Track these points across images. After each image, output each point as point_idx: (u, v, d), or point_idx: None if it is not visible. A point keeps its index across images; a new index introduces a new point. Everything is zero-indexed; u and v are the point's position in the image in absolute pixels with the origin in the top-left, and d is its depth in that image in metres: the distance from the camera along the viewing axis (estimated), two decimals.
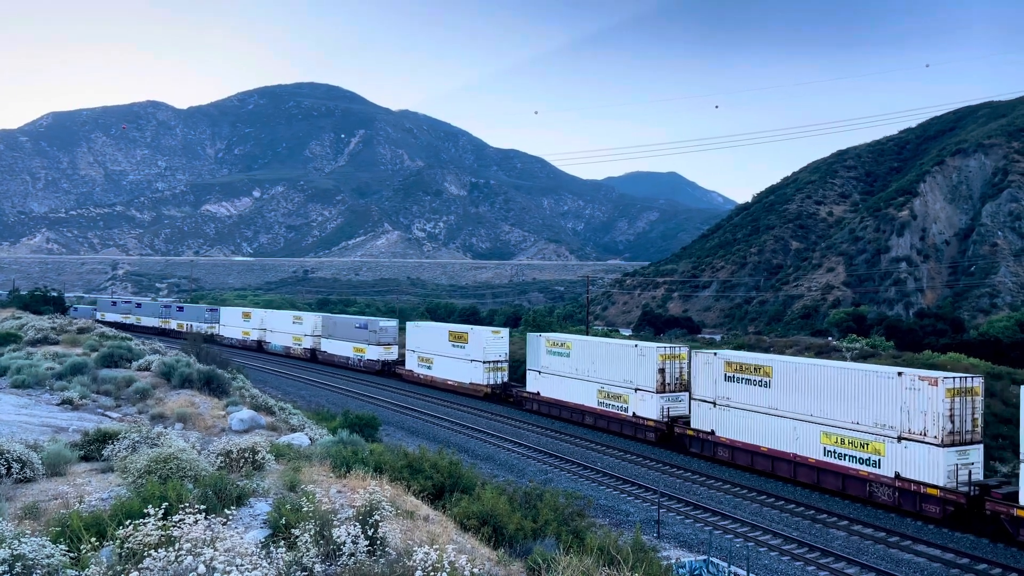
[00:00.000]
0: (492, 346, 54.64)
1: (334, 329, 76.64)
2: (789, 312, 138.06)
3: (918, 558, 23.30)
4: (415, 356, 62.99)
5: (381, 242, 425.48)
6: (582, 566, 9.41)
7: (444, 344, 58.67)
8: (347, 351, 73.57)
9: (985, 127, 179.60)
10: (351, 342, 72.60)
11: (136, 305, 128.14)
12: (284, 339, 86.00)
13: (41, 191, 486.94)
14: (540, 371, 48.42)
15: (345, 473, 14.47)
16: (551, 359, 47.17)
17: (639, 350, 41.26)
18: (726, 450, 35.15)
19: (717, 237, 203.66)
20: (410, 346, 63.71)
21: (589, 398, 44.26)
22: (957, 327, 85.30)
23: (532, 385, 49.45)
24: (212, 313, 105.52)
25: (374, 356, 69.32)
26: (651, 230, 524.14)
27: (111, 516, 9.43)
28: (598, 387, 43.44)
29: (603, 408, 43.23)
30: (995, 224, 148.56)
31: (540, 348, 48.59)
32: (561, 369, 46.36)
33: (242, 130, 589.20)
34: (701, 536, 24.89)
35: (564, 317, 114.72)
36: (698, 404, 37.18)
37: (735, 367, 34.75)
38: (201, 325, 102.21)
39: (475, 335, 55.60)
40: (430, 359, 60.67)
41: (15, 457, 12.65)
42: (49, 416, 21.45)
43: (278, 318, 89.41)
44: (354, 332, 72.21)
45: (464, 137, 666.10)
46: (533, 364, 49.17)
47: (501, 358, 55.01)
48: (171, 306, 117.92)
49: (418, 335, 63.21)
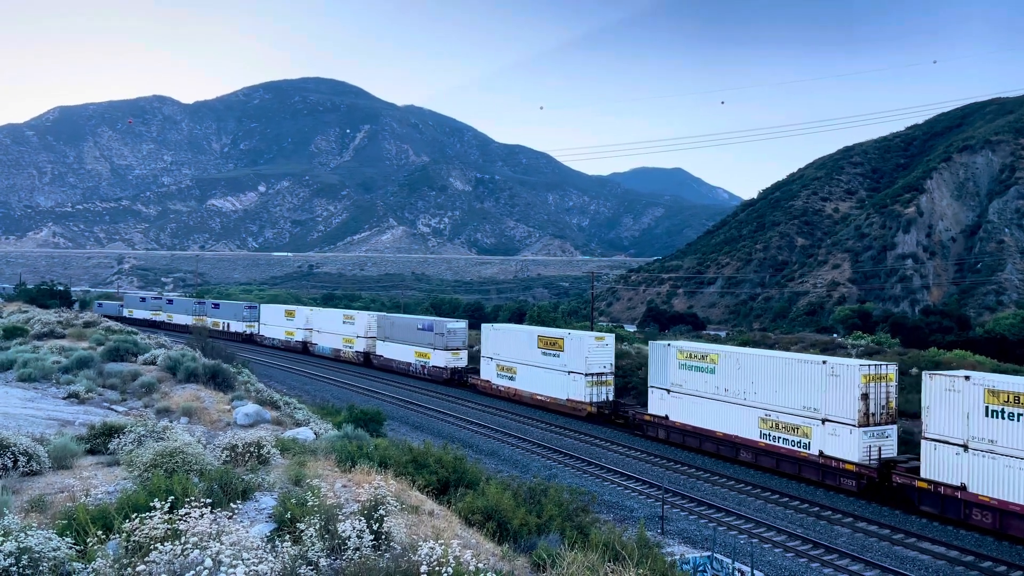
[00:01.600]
0: (596, 355, 45.93)
1: (392, 330, 68.12)
2: (794, 309, 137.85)
3: (923, 555, 23.28)
4: (493, 364, 54.19)
5: (386, 237, 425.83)
6: (587, 561, 9.42)
7: (531, 351, 50.04)
8: (407, 356, 65.10)
9: (992, 124, 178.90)
10: (412, 345, 64.32)
11: (167, 301, 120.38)
12: (333, 341, 77.56)
13: (47, 185, 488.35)
14: (669, 389, 39.18)
15: (350, 468, 14.50)
16: (685, 375, 38.47)
17: (829, 368, 31.46)
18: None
19: (722, 233, 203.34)
20: (487, 352, 54.93)
21: (746, 427, 34.87)
22: (963, 324, 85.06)
23: (656, 406, 40.39)
24: (251, 311, 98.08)
25: (441, 362, 61.01)
26: (656, 226, 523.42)
27: (117, 509, 9.46)
28: (760, 414, 34.10)
29: (769, 442, 33.57)
30: (1002, 221, 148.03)
31: (668, 360, 39.65)
32: (701, 388, 37.48)
33: (248, 125, 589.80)
34: (705, 532, 24.89)
35: (569, 313, 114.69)
36: None
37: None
38: (239, 324, 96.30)
39: (573, 341, 46.96)
40: (512, 368, 51.86)
41: (21, 450, 12.70)
42: (55, 410, 21.53)
43: (326, 317, 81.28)
44: (416, 334, 63.89)
45: (469, 132, 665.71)
46: (658, 380, 40.29)
47: (606, 369, 46.14)
48: (205, 303, 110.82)
49: (497, 339, 54.30)
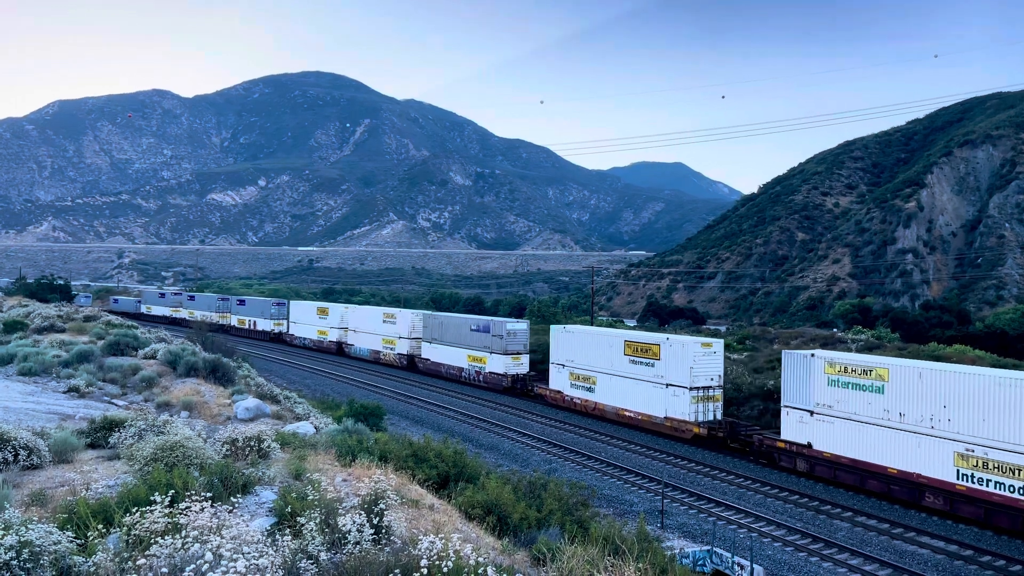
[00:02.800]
0: (702, 365, 38.14)
1: (440, 331, 61.02)
2: (794, 303, 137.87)
3: (922, 550, 23.30)
4: (565, 373, 46.46)
5: (386, 232, 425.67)
6: (587, 555, 9.43)
7: (616, 358, 42.29)
8: (459, 360, 58.13)
9: (993, 118, 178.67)
10: (465, 348, 57.36)
11: (189, 298, 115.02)
12: (372, 341, 70.86)
13: (47, 179, 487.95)
14: (812, 411, 31.53)
15: (350, 462, 14.52)
16: (838, 394, 31.14)
17: None
18: None
19: (723, 228, 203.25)
20: (557, 358, 47.27)
21: (934, 464, 27.63)
22: (963, 319, 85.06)
23: (793, 431, 32.37)
24: (279, 308, 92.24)
25: (499, 368, 53.22)
26: (656, 221, 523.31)
27: (118, 503, 9.48)
28: (957, 448, 26.67)
29: (973, 486, 25.89)
30: (1002, 216, 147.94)
31: (812, 374, 31.62)
32: (861, 411, 30.19)
33: (248, 119, 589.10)
34: (705, 526, 24.92)
35: (569, 307, 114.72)
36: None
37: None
38: (266, 322, 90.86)
39: (673, 348, 39.05)
40: (590, 378, 44.22)
41: (22, 444, 12.71)
42: (55, 404, 21.55)
43: (364, 316, 74.60)
44: (469, 336, 57.04)
45: (469, 127, 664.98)
46: (796, 398, 32.51)
47: (714, 382, 38.30)
48: (229, 299, 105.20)
49: (570, 344, 46.41)
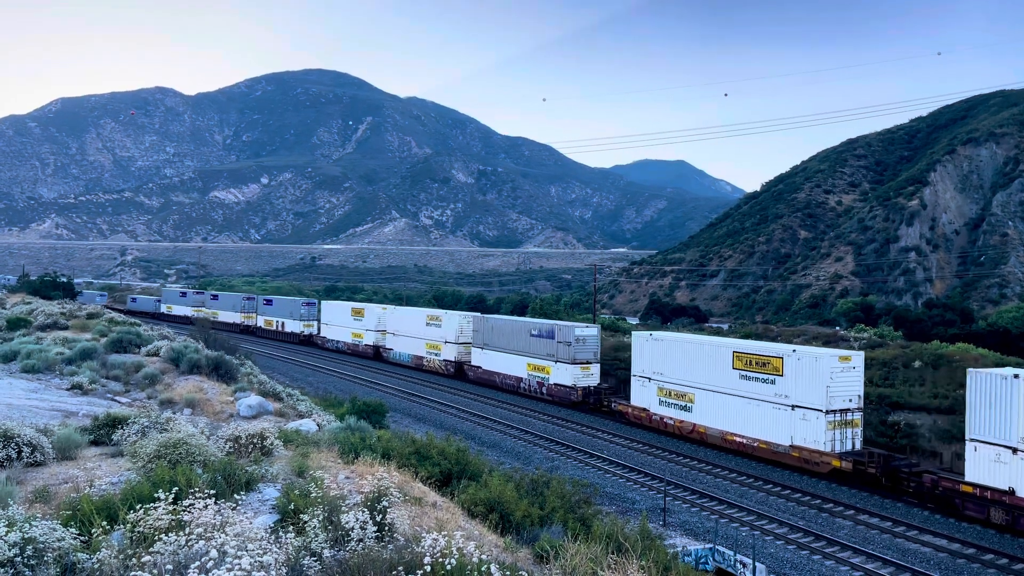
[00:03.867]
0: (840, 383, 31.12)
1: (493, 336, 54.82)
2: (797, 301, 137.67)
3: (924, 548, 23.30)
4: (652, 387, 39.85)
5: (388, 229, 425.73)
6: (589, 553, 9.44)
7: (721, 372, 35.68)
8: (516, 369, 51.83)
9: (997, 116, 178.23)
10: (523, 356, 51.14)
11: (212, 297, 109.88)
12: (414, 346, 64.73)
13: (50, 177, 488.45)
14: (1016, 448, 24.62)
15: (353, 459, 14.53)
16: None
17: None
18: None
19: (725, 226, 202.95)
20: (641, 370, 40.76)
21: None
22: (966, 317, 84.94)
23: (987, 472, 25.41)
24: (309, 308, 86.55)
25: (566, 379, 46.86)
26: (659, 218, 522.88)
27: (122, 500, 9.49)
28: None
29: None
30: (1006, 214, 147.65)
31: (1014, 400, 24.82)
32: None
33: (250, 116, 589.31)
34: (707, 524, 24.93)
35: (571, 305, 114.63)
36: None
37: None
38: (295, 323, 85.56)
39: (802, 362, 31.94)
40: (686, 395, 37.69)
41: (25, 441, 12.73)
42: (59, 401, 21.58)
43: (404, 317, 67.82)
44: (528, 342, 50.82)
45: (472, 124, 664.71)
46: (990, 431, 25.40)
47: (853, 404, 31.42)
48: (255, 299, 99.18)
49: (658, 353, 39.84)
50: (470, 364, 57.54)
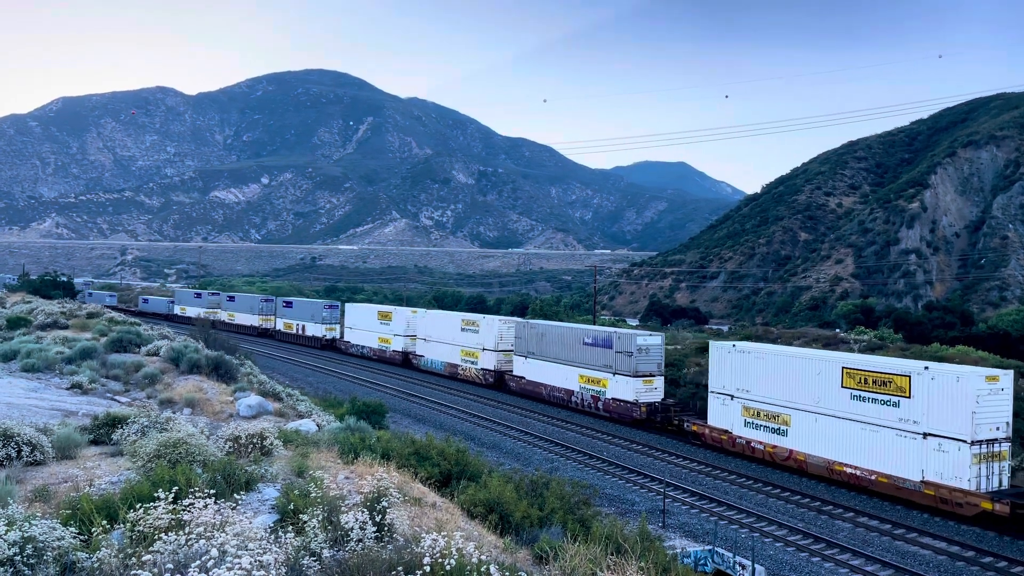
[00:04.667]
0: (986, 408, 26.46)
1: (539, 343, 49.53)
2: (797, 303, 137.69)
3: (924, 550, 23.29)
4: (735, 406, 34.56)
5: (389, 230, 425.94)
6: (589, 554, 9.45)
7: (826, 390, 30.67)
8: (567, 380, 46.82)
9: (997, 119, 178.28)
10: (575, 366, 46.14)
11: (228, 298, 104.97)
12: (447, 353, 60.21)
13: (51, 176, 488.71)
14: None
15: (353, 459, 14.55)
16: None
17: None
18: None
19: (725, 228, 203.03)
20: (722, 385, 35.58)
21: None
22: (966, 320, 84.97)
23: None
24: (331, 311, 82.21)
25: (626, 394, 41.90)
26: (659, 220, 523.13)
27: (121, 499, 9.50)
28: None
29: None
30: (1006, 217, 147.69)
31: None
32: None
33: (250, 116, 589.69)
34: (706, 526, 24.93)
35: (571, 307, 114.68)
36: None
37: None
38: (316, 327, 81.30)
39: (939, 382, 27.20)
40: (780, 416, 32.55)
41: (25, 440, 12.74)
42: (59, 400, 21.59)
43: (437, 322, 62.87)
44: (582, 351, 45.72)
45: (472, 125, 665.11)
46: None
47: (1000, 432, 26.63)
48: (274, 300, 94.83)
49: (742, 368, 34.81)
50: (512, 374, 52.47)
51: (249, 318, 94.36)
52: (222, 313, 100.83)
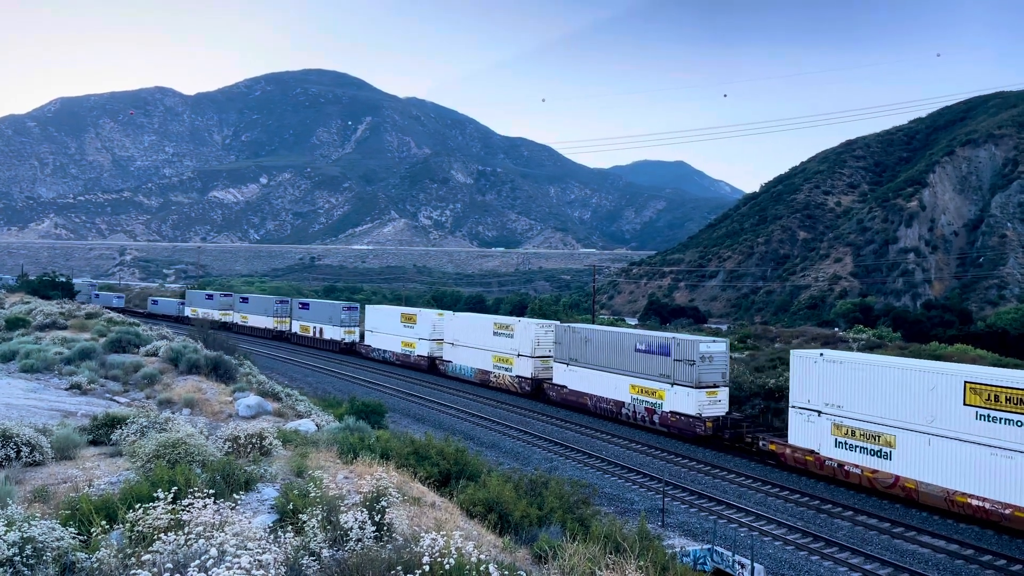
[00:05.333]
0: None
1: (583, 350, 45.59)
2: (796, 302, 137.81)
3: (922, 549, 23.31)
4: (823, 423, 30.71)
5: (387, 230, 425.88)
6: (588, 553, 9.45)
7: (943, 407, 26.82)
8: (615, 391, 42.77)
9: (995, 117, 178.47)
10: (626, 375, 41.97)
11: (241, 300, 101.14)
12: (478, 359, 56.53)
13: (49, 176, 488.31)
14: None
15: (352, 459, 14.55)
16: None
17: None
18: None
19: (724, 227, 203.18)
20: (805, 400, 31.52)
21: None
22: (965, 318, 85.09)
23: None
24: (350, 313, 78.48)
25: (687, 407, 37.79)
26: (658, 219, 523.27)
27: (121, 500, 9.51)
28: None
29: None
30: (1004, 215, 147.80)
31: None
32: None
33: (249, 116, 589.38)
34: (706, 525, 24.93)
35: (570, 306, 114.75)
36: None
37: None
38: (334, 329, 77.99)
39: None
40: (882, 436, 28.75)
41: (24, 441, 12.74)
42: (58, 400, 21.59)
43: (466, 326, 58.89)
44: (633, 359, 41.76)
45: (471, 125, 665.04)
46: None
47: None
48: (289, 302, 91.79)
49: (830, 378, 30.81)
50: (551, 383, 48.56)
51: (263, 320, 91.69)
52: (235, 315, 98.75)
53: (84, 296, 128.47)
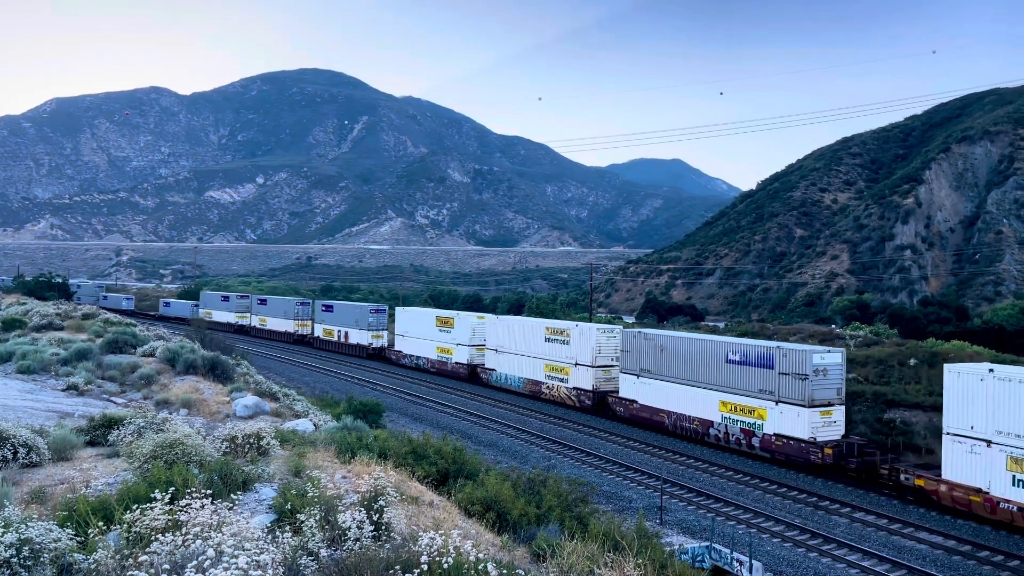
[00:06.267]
0: None
1: (658, 359, 40.11)
2: (793, 300, 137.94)
3: (920, 545, 23.37)
4: (996, 457, 25.15)
5: (384, 229, 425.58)
6: (586, 551, 9.45)
7: None
8: (702, 407, 37.11)
9: (991, 114, 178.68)
10: (715, 390, 36.44)
11: (259, 301, 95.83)
12: (527, 367, 51.50)
13: (45, 177, 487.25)
14: None
15: (350, 459, 14.53)
16: None
17: None
18: None
19: (721, 224, 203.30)
20: (965, 425, 26.21)
21: None
22: (961, 315, 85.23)
23: None
24: (378, 316, 73.18)
25: (797, 429, 32.48)
26: (655, 217, 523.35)
27: (118, 501, 9.49)
28: None
29: None
30: (1000, 212, 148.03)
31: None
32: None
33: (245, 116, 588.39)
34: (704, 522, 24.97)
35: (567, 304, 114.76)
36: None
37: None
38: (361, 333, 73.05)
39: None
40: None
41: (21, 442, 12.70)
42: (54, 401, 21.54)
43: (511, 330, 54.44)
44: (723, 371, 36.24)
45: (468, 124, 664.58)
46: None
47: None
48: (310, 303, 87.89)
49: (1003, 400, 25.19)
50: (617, 396, 43.24)
51: (283, 323, 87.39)
52: (253, 318, 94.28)
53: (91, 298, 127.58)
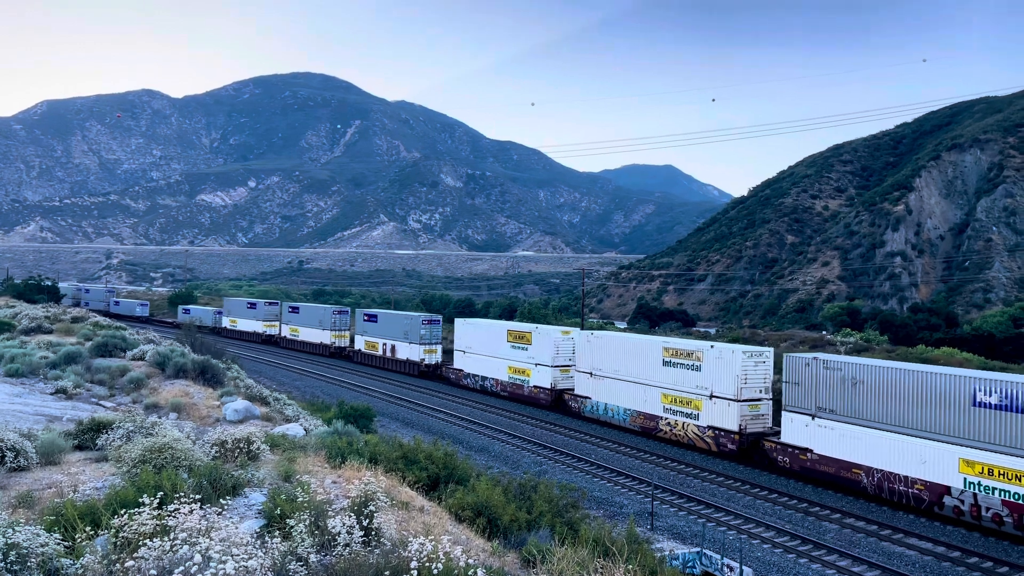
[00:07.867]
0: None
1: (845, 396, 29.64)
2: (784, 306, 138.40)
3: (909, 551, 23.42)
4: None
5: (376, 233, 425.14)
6: (577, 557, 9.44)
7: None
8: (919, 465, 26.55)
9: (981, 122, 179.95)
10: (951, 442, 25.68)
11: (291, 309, 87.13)
12: (638, 397, 40.85)
13: (35, 179, 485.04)
14: None
15: (340, 464, 14.48)
16: None
17: None
18: None
19: (713, 230, 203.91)
20: None
21: None
22: (951, 322, 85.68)
23: None
24: (431, 327, 63.07)
25: None
26: (647, 223, 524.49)
27: (106, 505, 9.43)
28: None
29: None
30: (990, 219, 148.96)
31: None
32: None
33: (237, 120, 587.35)
34: (694, 528, 24.96)
35: (559, 310, 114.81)
36: None
37: None
38: (411, 347, 63.43)
39: None
40: None
41: (9, 446, 12.62)
42: (43, 405, 21.41)
43: (612, 349, 43.77)
44: (968, 417, 25.33)
45: (460, 128, 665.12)
46: None
47: None
48: (348, 312, 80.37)
49: None
50: (779, 442, 32.49)
51: (318, 334, 79.05)
52: (283, 327, 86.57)
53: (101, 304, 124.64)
